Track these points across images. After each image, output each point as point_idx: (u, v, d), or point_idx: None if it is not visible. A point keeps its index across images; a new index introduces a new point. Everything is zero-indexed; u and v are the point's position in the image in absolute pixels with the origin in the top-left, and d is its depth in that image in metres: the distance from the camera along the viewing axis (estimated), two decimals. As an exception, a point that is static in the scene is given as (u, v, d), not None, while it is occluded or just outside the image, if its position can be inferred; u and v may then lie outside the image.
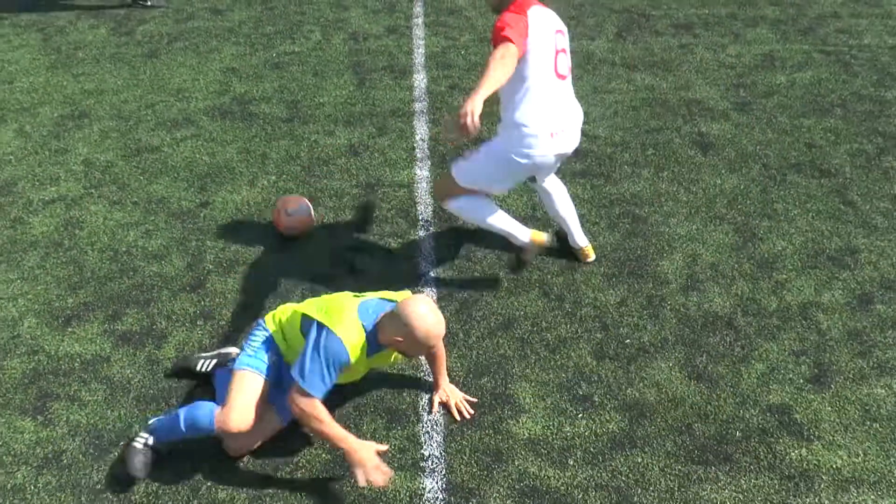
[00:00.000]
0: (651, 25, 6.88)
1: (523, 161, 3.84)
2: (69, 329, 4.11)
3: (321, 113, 5.76)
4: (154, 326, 4.11)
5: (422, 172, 5.16)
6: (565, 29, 3.97)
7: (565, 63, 3.88)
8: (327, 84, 6.09)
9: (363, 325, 3.17)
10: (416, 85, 6.09)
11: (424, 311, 3.06)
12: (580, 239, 4.41)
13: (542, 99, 3.76)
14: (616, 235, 4.63)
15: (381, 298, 3.28)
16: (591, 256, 4.44)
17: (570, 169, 5.14)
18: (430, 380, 3.76)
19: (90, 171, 5.24)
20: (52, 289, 4.36)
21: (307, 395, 3.11)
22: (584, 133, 5.45)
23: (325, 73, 6.24)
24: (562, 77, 3.85)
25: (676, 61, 6.36)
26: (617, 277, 4.35)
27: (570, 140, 3.93)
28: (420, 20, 7.03)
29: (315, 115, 5.73)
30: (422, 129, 5.57)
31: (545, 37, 3.75)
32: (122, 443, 3.52)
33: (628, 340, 3.99)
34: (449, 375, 3.79)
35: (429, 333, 3.06)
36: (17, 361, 3.95)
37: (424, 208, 4.85)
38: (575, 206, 4.79)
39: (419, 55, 6.48)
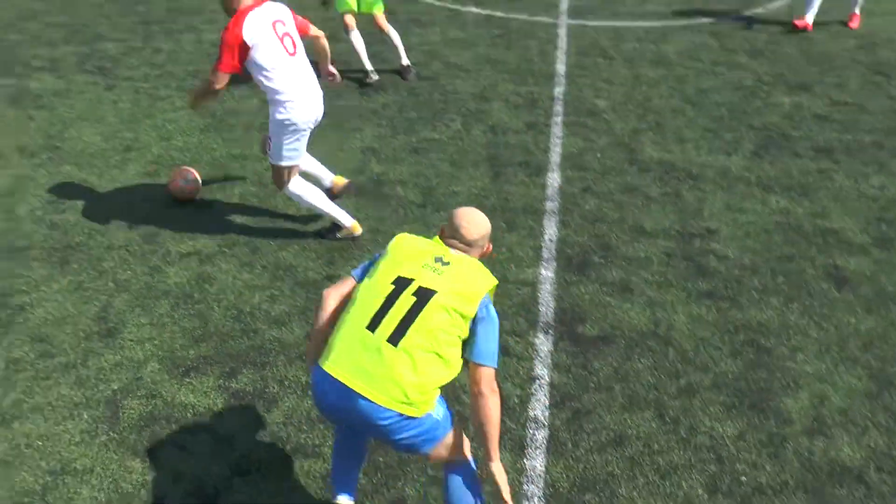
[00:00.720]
0: (790, 146, 6.75)
1: (292, 125, 5.00)
2: (187, 379, 4.24)
3: (454, 202, 5.85)
4: (266, 389, 4.19)
5: (547, 273, 5.14)
6: (286, 15, 5.01)
7: (290, 42, 4.96)
8: (463, 174, 6.21)
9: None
10: (549, 184, 6.14)
11: (477, 216, 3.19)
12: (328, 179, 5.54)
13: (285, 74, 4.91)
14: (738, 364, 4.46)
15: (435, 243, 3.16)
16: (343, 182, 5.53)
17: (695, 289, 5.02)
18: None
19: (227, 231, 5.48)
20: (177, 338, 4.53)
21: (493, 368, 2.96)
22: (712, 252, 5.36)
23: (461, 162, 6.38)
24: (292, 54, 4.96)
25: (814, 186, 6.19)
26: (737, 409, 4.16)
27: (318, 105, 5.12)
28: (559, 119, 7.13)
29: (448, 204, 5.82)
30: (551, 230, 5.58)
31: (265, 30, 4.84)
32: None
33: (744, 478, 3.78)
34: (552, 486, 3.69)
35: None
36: (136, 402, 4.09)
37: (546, 310, 4.82)
38: (697, 327, 4.68)
39: (555, 154, 6.55)
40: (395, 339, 2.88)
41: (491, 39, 8.91)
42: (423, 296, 2.92)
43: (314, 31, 5.24)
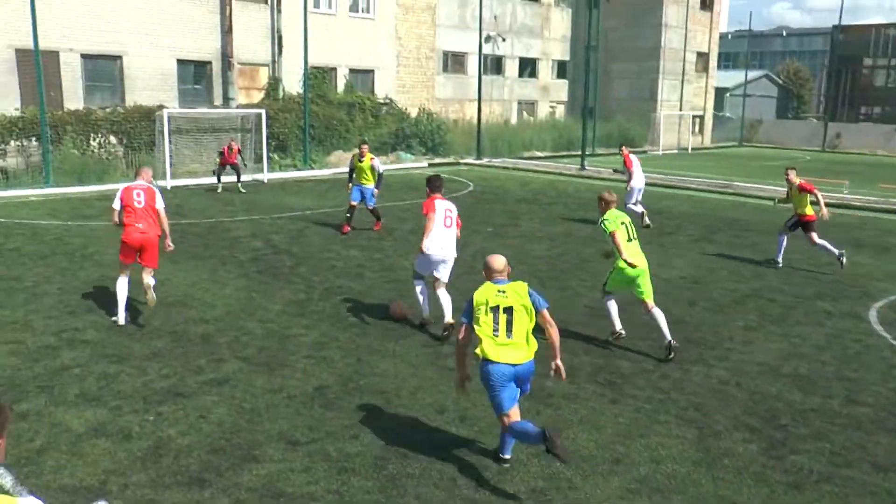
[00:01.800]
0: None
1: (427, 258, 10.05)
2: None
3: None
4: None
5: None
6: (453, 207, 10.18)
7: (450, 221, 10.04)
8: None
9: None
10: None
11: (496, 257, 6.71)
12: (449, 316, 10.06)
13: (437, 234, 9.96)
14: None
15: (489, 287, 6.51)
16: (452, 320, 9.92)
17: None
18: None
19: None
20: None
21: (548, 308, 6.54)
22: None
23: None
24: (447, 227, 10.02)
25: None
26: None
27: (448, 254, 10.08)
28: None
29: None
30: None
31: (440, 211, 10.01)
32: None
33: None
34: None
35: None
36: None
37: None
38: None
39: None
40: (510, 334, 6.19)
41: None
42: (509, 310, 6.22)
43: (458, 232, 10.18)
